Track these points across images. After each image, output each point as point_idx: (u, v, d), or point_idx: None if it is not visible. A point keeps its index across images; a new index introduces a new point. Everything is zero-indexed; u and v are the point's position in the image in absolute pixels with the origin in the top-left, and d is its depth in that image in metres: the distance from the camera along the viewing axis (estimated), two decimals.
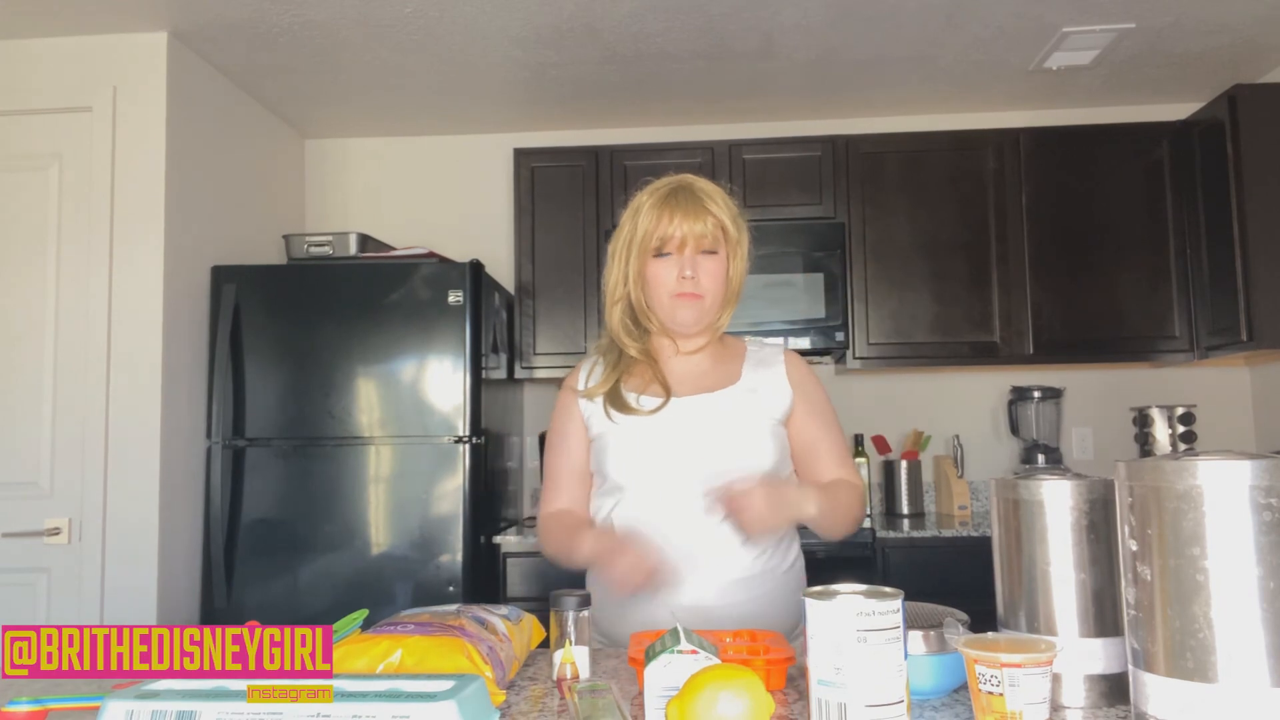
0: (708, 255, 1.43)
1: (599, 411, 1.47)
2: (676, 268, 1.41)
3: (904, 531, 2.86)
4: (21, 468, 2.63)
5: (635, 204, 1.46)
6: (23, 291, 2.67)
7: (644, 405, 1.44)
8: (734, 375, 1.49)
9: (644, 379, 1.48)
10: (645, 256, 1.43)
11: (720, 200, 1.44)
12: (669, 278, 1.42)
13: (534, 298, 3.21)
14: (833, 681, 0.83)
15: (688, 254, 1.41)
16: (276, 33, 2.72)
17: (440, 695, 0.83)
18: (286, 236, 3.00)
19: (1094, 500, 0.98)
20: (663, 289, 1.42)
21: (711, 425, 1.43)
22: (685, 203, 1.41)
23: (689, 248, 1.41)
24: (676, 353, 1.50)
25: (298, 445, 2.73)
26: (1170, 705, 0.81)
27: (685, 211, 1.41)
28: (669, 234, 1.41)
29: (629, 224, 1.45)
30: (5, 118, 2.72)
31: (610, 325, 1.50)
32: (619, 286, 1.47)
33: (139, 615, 2.56)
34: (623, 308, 1.48)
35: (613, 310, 1.48)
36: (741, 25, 2.73)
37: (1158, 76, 3.17)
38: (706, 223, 1.41)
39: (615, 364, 1.49)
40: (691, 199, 1.42)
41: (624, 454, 1.43)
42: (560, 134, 3.53)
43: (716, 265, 1.43)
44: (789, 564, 1.47)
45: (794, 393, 1.47)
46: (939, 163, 3.18)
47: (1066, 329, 3.12)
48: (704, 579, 1.37)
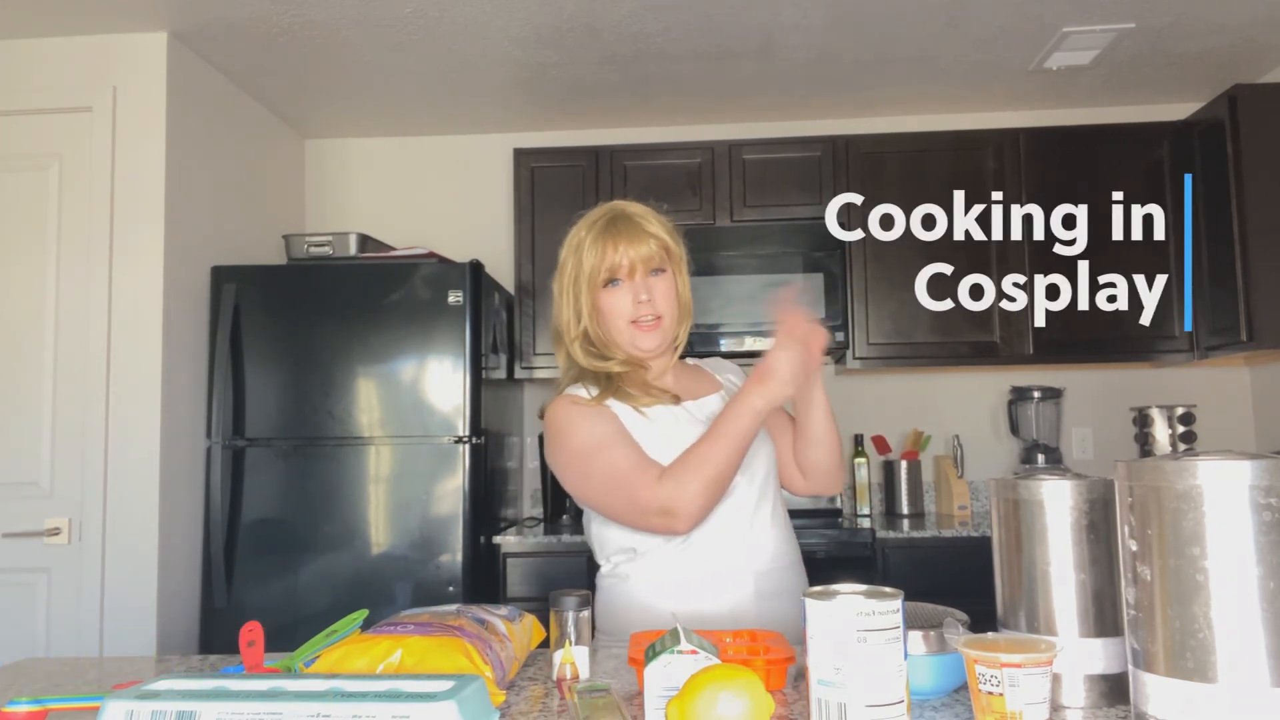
0: (657, 275, 1.44)
1: (623, 408, 1.43)
2: (630, 294, 1.42)
3: (904, 531, 2.86)
4: (21, 468, 2.63)
5: (574, 240, 1.46)
6: (23, 291, 2.67)
7: (664, 397, 1.45)
8: (713, 384, 1.53)
9: (645, 387, 1.47)
10: (595, 290, 1.43)
11: (656, 220, 1.46)
12: (624, 306, 1.42)
13: (534, 298, 3.21)
14: (833, 681, 0.83)
15: (638, 278, 1.42)
16: (276, 33, 2.72)
17: (440, 695, 0.83)
18: (286, 236, 3.00)
19: (1094, 500, 0.98)
20: (620, 318, 1.43)
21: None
22: (626, 230, 1.42)
23: (638, 272, 1.42)
24: (647, 373, 1.50)
25: (298, 445, 2.73)
26: (1170, 705, 0.81)
27: (628, 238, 1.41)
28: (617, 262, 1.41)
29: (572, 260, 1.45)
30: (5, 118, 2.72)
31: (578, 362, 1.46)
32: (573, 324, 1.45)
33: (139, 616, 2.56)
34: (581, 344, 1.46)
35: (573, 346, 1.46)
36: (741, 25, 2.74)
37: (1158, 76, 3.17)
38: (650, 244, 1.42)
39: (608, 382, 1.45)
40: (630, 225, 1.43)
41: (666, 443, 1.38)
42: (560, 134, 3.53)
43: (666, 284, 1.44)
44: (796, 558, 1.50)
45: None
46: (939, 163, 3.18)
47: (1066, 329, 3.12)
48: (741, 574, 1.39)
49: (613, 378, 1.46)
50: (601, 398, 1.43)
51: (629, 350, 1.45)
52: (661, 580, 1.40)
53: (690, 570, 1.38)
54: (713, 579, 1.38)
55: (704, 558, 1.38)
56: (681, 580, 1.38)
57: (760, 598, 1.38)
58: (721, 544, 1.39)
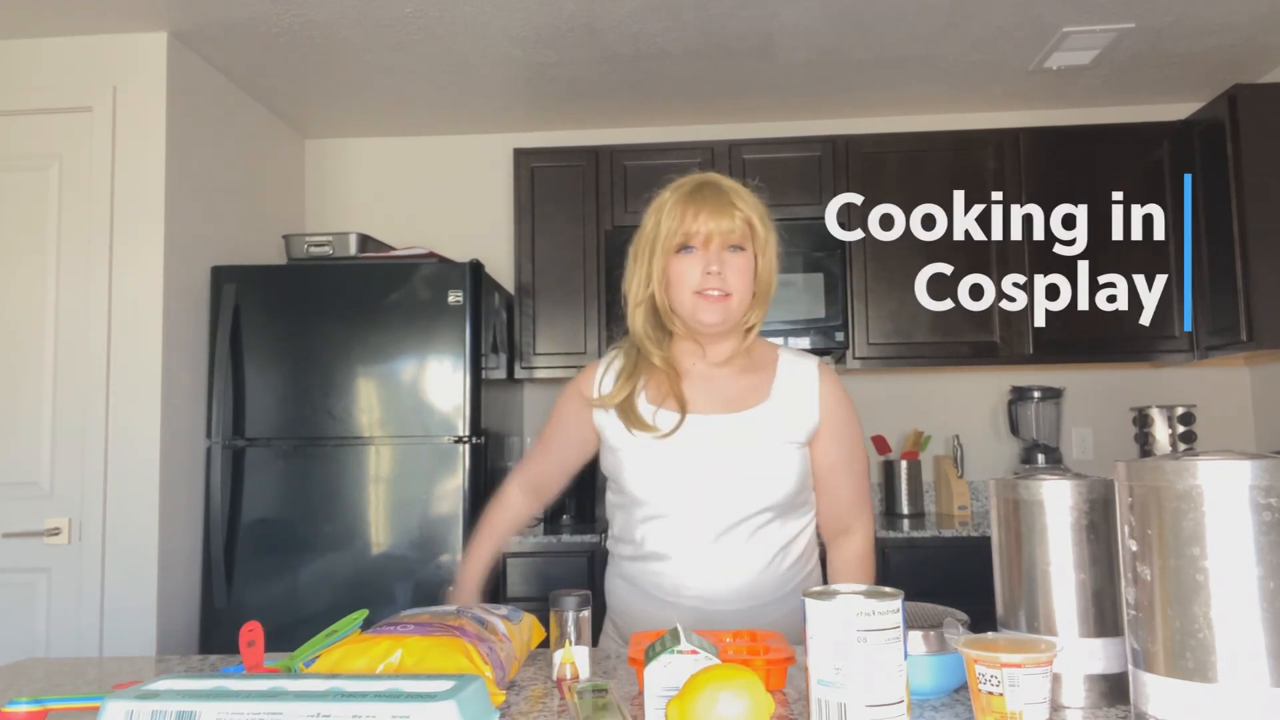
0: (734, 252, 1.36)
1: (616, 424, 1.41)
2: (701, 264, 1.34)
3: (904, 531, 2.86)
4: (21, 468, 2.63)
5: (658, 202, 1.40)
6: (23, 291, 2.67)
7: (660, 423, 1.38)
8: (762, 392, 1.42)
9: (663, 390, 1.42)
10: (669, 254, 1.36)
11: (747, 197, 1.39)
12: (693, 275, 1.35)
13: (534, 298, 3.21)
14: (833, 681, 0.83)
15: (713, 249, 1.35)
16: (276, 33, 2.72)
17: (440, 695, 0.83)
18: (286, 236, 3.00)
19: (1094, 500, 0.97)
20: (686, 287, 1.35)
21: (733, 448, 1.38)
22: (711, 198, 1.36)
23: (715, 243, 1.35)
24: (702, 358, 1.43)
25: (298, 445, 2.73)
26: (1170, 705, 0.81)
27: (711, 207, 1.35)
28: (694, 230, 1.34)
29: (651, 221, 1.39)
30: (5, 118, 2.71)
31: (634, 330, 1.42)
32: (642, 288, 1.39)
33: (139, 616, 2.56)
34: (645, 310, 1.41)
35: (635, 313, 1.41)
36: (741, 25, 2.74)
37: (1158, 76, 3.17)
38: (734, 218, 1.35)
39: (633, 370, 1.43)
40: (718, 194, 1.37)
41: (642, 471, 1.39)
42: (560, 134, 3.53)
43: (743, 262, 1.37)
44: (807, 573, 1.45)
45: (823, 415, 1.42)
46: (939, 163, 3.18)
47: (1066, 329, 3.12)
48: (727, 602, 1.36)
49: (641, 364, 1.43)
50: (611, 400, 1.42)
51: (690, 322, 1.38)
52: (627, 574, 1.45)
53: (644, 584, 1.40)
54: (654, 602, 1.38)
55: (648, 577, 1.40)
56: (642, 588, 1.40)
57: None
58: (661, 569, 1.39)
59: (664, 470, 1.38)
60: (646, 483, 1.39)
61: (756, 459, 1.38)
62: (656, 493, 1.39)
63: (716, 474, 1.37)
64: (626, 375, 1.44)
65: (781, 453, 1.38)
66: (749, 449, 1.38)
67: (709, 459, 1.37)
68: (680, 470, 1.38)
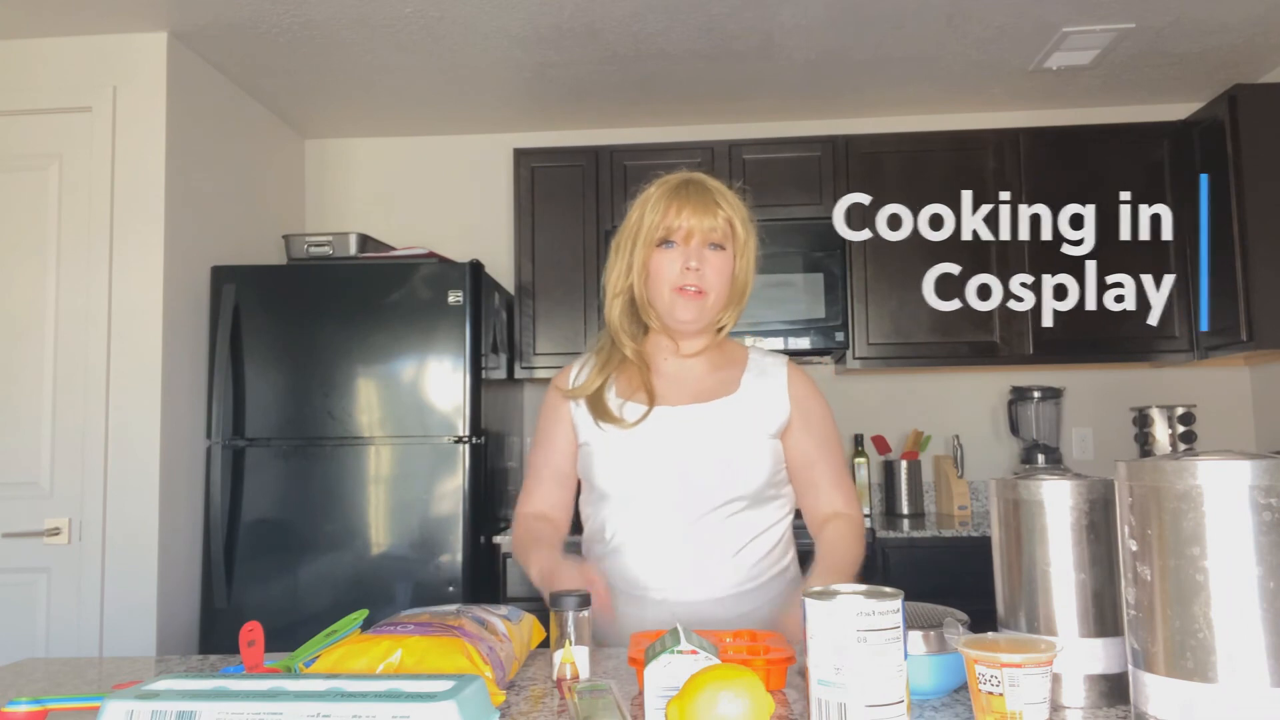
0: (715, 250, 1.39)
1: (586, 417, 1.43)
2: (681, 259, 1.37)
3: (904, 531, 2.86)
4: (21, 468, 2.63)
5: (644, 196, 1.42)
6: (23, 291, 2.67)
7: (628, 414, 1.40)
8: (731, 384, 1.44)
9: (633, 383, 1.44)
10: (650, 247, 1.39)
11: (730, 198, 1.42)
12: (672, 270, 1.37)
13: (534, 298, 3.21)
14: (833, 681, 0.83)
15: (694, 245, 1.37)
16: (276, 33, 2.72)
17: (440, 695, 0.83)
18: (286, 236, 3.00)
19: (1094, 500, 0.97)
20: (664, 282, 1.38)
21: (701, 437, 1.39)
22: (695, 195, 1.38)
23: (695, 239, 1.37)
24: (675, 353, 1.46)
25: (298, 445, 2.73)
26: (1170, 705, 0.81)
27: (695, 204, 1.37)
28: (676, 224, 1.37)
29: (635, 214, 1.41)
30: (5, 118, 2.72)
31: (609, 320, 1.45)
32: (621, 279, 1.42)
33: (139, 616, 2.56)
34: (623, 302, 1.43)
35: (613, 304, 1.44)
36: (741, 25, 2.74)
37: (1158, 76, 3.17)
38: (716, 217, 1.37)
39: (605, 364, 1.45)
40: (702, 193, 1.39)
41: (610, 464, 1.40)
42: (560, 134, 3.53)
43: (722, 261, 1.39)
44: (781, 569, 1.44)
45: (792, 408, 1.43)
46: (939, 163, 3.18)
47: (1066, 329, 3.12)
48: (695, 592, 1.36)
49: (614, 358, 1.45)
50: (580, 392, 1.44)
51: (666, 318, 1.41)
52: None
53: (613, 579, 1.38)
54: (622, 598, 1.37)
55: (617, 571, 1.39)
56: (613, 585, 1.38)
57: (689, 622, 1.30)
58: (629, 562, 1.39)
59: (630, 461, 1.39)
60: (613, 474, 1.40)
61: (724, 448, 1.38)
62: (623, 484, 1.39)
63: (684, 463, 1.38)
64: (598, 368, 1.46)
65: (750, 442, 1.39)
66: (717, 438, 1.39)
67: (676, 448, 1.38)
68: (647, 460, 1.38)
